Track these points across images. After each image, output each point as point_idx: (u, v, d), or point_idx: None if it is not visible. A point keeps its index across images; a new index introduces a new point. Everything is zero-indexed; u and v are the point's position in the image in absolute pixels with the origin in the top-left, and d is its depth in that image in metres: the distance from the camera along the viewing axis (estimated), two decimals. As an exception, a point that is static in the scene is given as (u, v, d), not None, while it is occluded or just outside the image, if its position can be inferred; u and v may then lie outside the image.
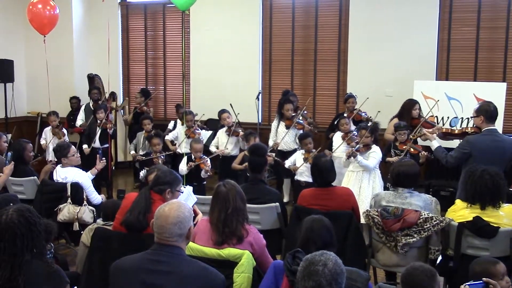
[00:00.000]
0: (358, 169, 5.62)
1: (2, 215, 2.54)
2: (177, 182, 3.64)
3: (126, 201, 3.62)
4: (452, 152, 4.90)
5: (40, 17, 6.93)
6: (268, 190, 4.46)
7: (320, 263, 2.21)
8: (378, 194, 4.12)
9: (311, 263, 2.22)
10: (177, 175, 3.72)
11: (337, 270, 2.20)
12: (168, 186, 3.54)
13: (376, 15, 7.84)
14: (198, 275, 2.49)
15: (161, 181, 3.55)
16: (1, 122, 8.86)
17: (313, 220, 3.06)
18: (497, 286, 2.29)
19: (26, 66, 9.57)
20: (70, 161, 5.15)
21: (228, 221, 3.16)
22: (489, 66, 7.50)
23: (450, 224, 3.71)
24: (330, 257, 2.24)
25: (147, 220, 3.33)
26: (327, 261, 2.21)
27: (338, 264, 2.23)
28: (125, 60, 9.67)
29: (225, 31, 8.72)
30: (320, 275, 2.18)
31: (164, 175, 3.59)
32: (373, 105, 6.90)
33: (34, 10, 6.91)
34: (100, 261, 3.41)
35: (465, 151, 4.69)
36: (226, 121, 6.97)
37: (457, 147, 4.89)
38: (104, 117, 7.14)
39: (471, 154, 4.65)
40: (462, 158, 4.72)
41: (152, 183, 3.58)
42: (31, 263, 2.52)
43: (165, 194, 3.53)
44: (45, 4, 6.96)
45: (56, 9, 7.11)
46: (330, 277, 2.17)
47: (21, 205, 2.70)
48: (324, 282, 2.17)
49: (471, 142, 4.71)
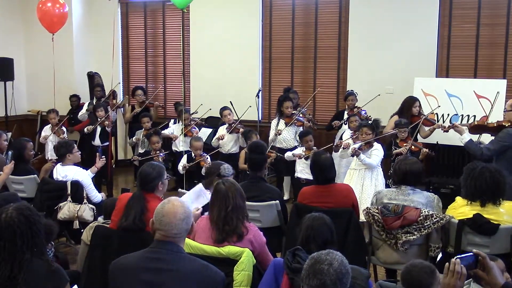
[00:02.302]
0: (360, 167, 5.61)
1: (1, 214, 2.54)
2: (163, 171, 3.68)
3: (120, 203, 3.62)
4: (488, 144, 4.87)
5: (50, 15, 6.92)
6: (268, 187, 4.47)
7: (325, 262, 2.20)
8: (379, 192, 4.12)
9: (317, 262, 2.22)
10: (159, 164, 3.75)
11: (342, 270, 2.19)
12: (158, 180, 3.59)
13: (376, 12, 7.82)
14: (198, 273, 2.49)
15: (149, 179, 3.56)
16: (1, 121, 8.85)
17: (313, 218, 3.07)
18: (486, 258, 2.31)
19: (26, 64, 9.55)
20: (74, 157, 5.16)
21: (228, 219, 3.16)
22: (489, 63, 7.48)
23: (451, 222, 3.72)
24: (336, 257, 2.24)
25: (144, 221, 3.36)
26: (333, 261, 2.21)
27: (344, 264, 2.23)
28: (125, 58, 9.66)
29: (225, 29, 8.71)
30: (325, 274, 2.17)
31: (149, 172, 3.59)
32: (373, 102, 6.90)
33: (43, 8, 6.91)
34: (100, 259, 3.42)
35: (505, 143, 4.66)
36: (227, 118, 6.99)
37: (494, 140, 4.84)
38: (104, 115, 7.14)
39: (510, 147, 4.63)
40: (500, 150, 4.69)
41: (142, 184, 3.59)
42: (32, 262, 2.52)
43: (157, 188, 3.58)
44: (55, 2, 6.94)
45: (65, 7, 7.11)
46: (335, 277, 2.17)
47: (21, 203, 2.70)
48: (329, 282, 2.16)
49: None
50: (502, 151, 4.67)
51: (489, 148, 4.78)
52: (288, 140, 6.83)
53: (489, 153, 4.78)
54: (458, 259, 2.27)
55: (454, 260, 2.27)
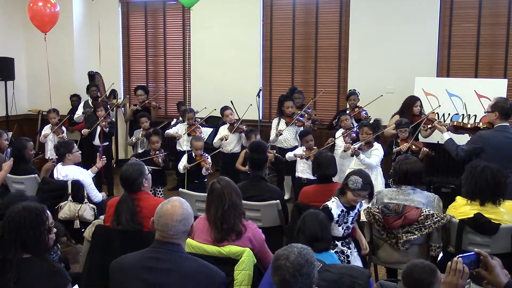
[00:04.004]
0: (360, 167, 5.61)
1: (11, 209, 2.60)
2: (143, 168, 3.70)
3: (109, 207, 3.65)
4: (463, 145, 4.88)
5: (41, 15, 6.92)
6: (268, 187, 4.47)
7: (283, 257, 2.22)
8: (380, 192, 4.12)
9: (276, 259, 2.25)
10: (137, 163, 3.80)
11: (300, 262, 2.19)
12: (140, 178, 3.62)
13: (376, 12, 7.83)
14: (199, 273, 2.49)
15: (131, 180, 3.60)
16: (2, 120, 8.86)
17: (308, 213, 3.17)
18: (488, 257, 2.31)
19: (26, 64, 9.56)
20: (74, 157, 5.15)
21: (225, 217, 3.16)
22: (490, 63, 7.48)
23: (451, 221, 3.71)
24: (294, 249, 2.24)
25: (138, 220, 3.42)
26: (290, 254, 2.22)
27: (303, 255, 2.22)
28: (126, 57, 9.66)
29: (225, 28, 8.71)
30: (282, 269, 2.19)
31: (129, 174, 3.62)
32: (374, 101, 6.89)
33: (34, 8, 6.90)
34: (100, 258, 3.41)
35: (477, 145, 4.67)
36: (229, 117, 6.97)
37: (469, 141, 4.86)
38: (104, 115, 7.13)
39: (482, 149, 4.63)
40: (473, 152, 4.69)
41: (125, 186, 3.62)
42: (33, 262, 2.53)
43: (142, 186, 3.63)
44: (46, 2, 6.94)
45: (56, 6, 7.09)
46: (292, 269, 2.18)
47: (33, 202, 2.72)
48: (288, 276, 2.18)
49: (484, 137, 4.68)
50: (476, 153, 4.66)
51: (463, 149, 4.81)
52: (289, 140, 6.82)
53: (463, 154, 4.81)
54: (460, 258, 2.27)
55: (456, 259, 2.26)
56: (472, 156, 4.71)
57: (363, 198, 3.61)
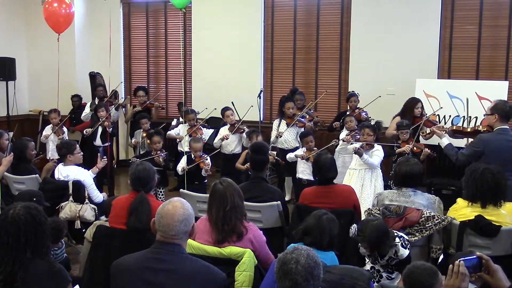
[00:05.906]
0: (360, 167, 5.62)
1: (9, 210, 2.57)
2: (153, 171, 3.76)
3: (115, 208, 3.66)
4: (463, 149, 4.85)
5: (56, 15, 6.91)
6: (269, 188, 4.46)
7: (292, 261, 2.16)
8: (381, 193, 4.12)
9: (284, 263, 2.19)
10: (149, 164, 3.84)
11: (310, 264, 2.16)
12: (155, 179, 3.73)
13: (378, 13, 7.82)
14: (200, 273, 2.49)
15: (149, 179, 3.66)
16: (3, 120, 8.87)
17: (314, 215, 3.13)
18: (490, 261, 2.30)
19: (27, 64, 9.57)
20: (75, 158, 5.16)
21: (227, 219, 3.16)
22: (491, 65, 7.48)
23: (452, 223, 3.71)
24: (301, 252, 2.20)
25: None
26: (299, 257, 2.17)
27: (311, 257, 2.19)
28: (127, 58, 9.67)
29: (226, 29, 8.72)
30: (294, 273, 2.14)
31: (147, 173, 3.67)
32: (375, 103, 6.89)
33: (50, 8, 6.90)
34: (101, 259, 3.42)
35: (478, 149, 4.63)
36: (230, 118, 6.97)
37: (469, 145, 4.84)
38: (106, 115, 7.14)
39: (483, 153, 4.59)
40: (474, 156, 4.64)
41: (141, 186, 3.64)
42: (34, 262, 2.53)
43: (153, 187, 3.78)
44: (61, 2, 6.94)
45: (71, 7, 7.09)
46: (304, 273, 2.14)
47: (30, 203, 2.72)
48: (300, 279, 2.13)
49: (484, 140, 4.65)
50: (477, 157, 4.61)
51: (464, 154, 4.77)
52: (290, 141, 6.82)
53: (463, 158, 4.75)
54: (462, 261, 2.27)
55: (458, 262, 2.26)
56: (472, 160, 4.68)
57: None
